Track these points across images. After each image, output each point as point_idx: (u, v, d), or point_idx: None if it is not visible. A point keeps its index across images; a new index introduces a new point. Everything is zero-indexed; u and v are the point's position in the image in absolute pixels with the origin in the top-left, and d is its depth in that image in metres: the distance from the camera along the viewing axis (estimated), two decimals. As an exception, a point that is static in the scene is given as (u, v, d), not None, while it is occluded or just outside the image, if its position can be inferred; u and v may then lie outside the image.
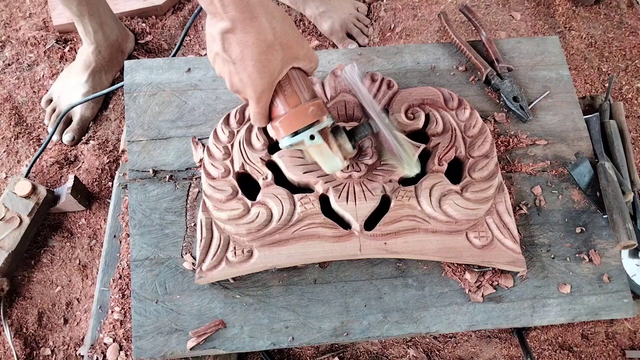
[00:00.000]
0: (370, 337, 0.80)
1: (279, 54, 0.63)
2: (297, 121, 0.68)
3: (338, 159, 0.72)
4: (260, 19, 0.60)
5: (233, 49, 0.62)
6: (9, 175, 1.23)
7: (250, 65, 0.62)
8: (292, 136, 0.69)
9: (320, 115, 0.69)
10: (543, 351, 1.09)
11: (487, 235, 0.81)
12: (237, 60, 0.62)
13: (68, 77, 1.28)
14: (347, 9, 1.40)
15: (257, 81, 0.64)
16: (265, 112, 0.69)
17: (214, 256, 0.78)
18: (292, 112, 0.67)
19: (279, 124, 0.69)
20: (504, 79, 0.95)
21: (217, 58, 0.65)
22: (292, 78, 0.68)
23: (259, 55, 0.62)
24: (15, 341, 1.07)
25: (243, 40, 0.61)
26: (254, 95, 0.66)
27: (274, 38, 0.62)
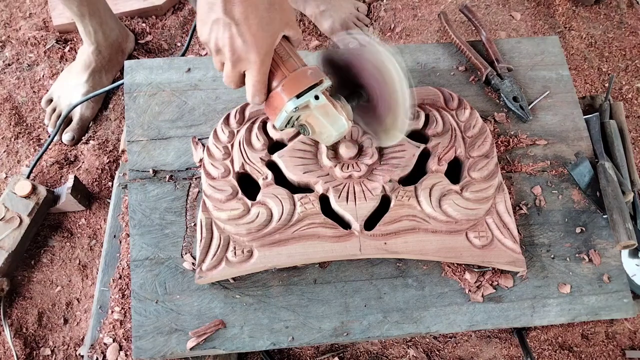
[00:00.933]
0: (370, 337, 0.80)
1: (278, 14, 0.62)
2: (300, 83, 0.65)
3: (343, 119, 0.69)
4: None
5: (236, 9, 0.59)
6: (9, 175, 1.23)
7: (254, 24, 0.60)
8: (297, 98, 0.66)
9: (320, 76, 0.67)
10: (543, 351, 1.09)
11: (487, 235, 0.81)
12: (240, 20, 0.60)
13: (68, 77, 1.28)
14: (348, 8, 1.40)
15: (261, 41, 0.61)
16: (266, 80, 0.66)
17: (214, 256, 0.78)
18: (292, 75, 0.65)
19: (281, 89, 0.66)
20: (504, 79, 0.95)
21: (215, 26, 0.61)
22: (285, 45, 0.66)
23: (263, 12, 0.60)
24: (15, 341, 1.07)
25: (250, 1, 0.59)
26: (257, 58, 0.62)
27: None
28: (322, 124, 0.69)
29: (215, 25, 0.61)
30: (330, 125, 0.69)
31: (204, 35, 0.64)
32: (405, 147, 0.85)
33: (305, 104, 0.66)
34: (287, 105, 0.66)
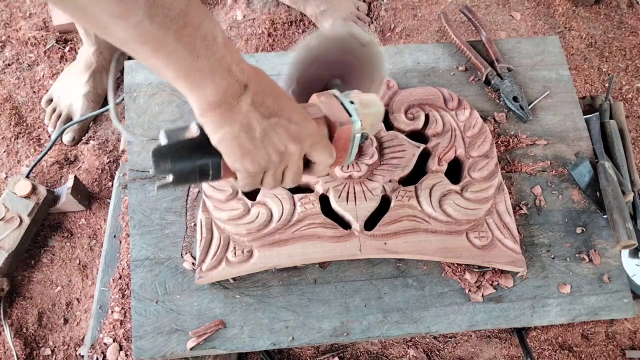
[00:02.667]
0: (370, 337, 0.80)
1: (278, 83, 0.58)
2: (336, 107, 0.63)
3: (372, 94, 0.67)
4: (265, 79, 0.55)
5: (268, 104, 0.53)
6: (9, 175, 1.23)
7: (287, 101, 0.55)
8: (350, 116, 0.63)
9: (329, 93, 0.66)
10: (543, 351, 1.09)
11: (487, 235, 0.81)
12: (277, 109, 0.54)
13: (68, 77, 1.28)
14: (348, 7, 1.40)
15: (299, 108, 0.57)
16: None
17: (214, 256, 0.78)
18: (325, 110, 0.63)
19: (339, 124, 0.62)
20: (504, 79, 0.95)
21: (266, 139, 0.54)
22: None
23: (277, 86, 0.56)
24: (15, 341, 1.07)
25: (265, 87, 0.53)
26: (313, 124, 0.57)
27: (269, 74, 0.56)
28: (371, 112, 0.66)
29: (265, 139, 0.54)
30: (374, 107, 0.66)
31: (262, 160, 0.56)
32: (405, 147, 0.85)
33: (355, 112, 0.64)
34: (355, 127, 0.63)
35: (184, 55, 0.45)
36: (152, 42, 0.44)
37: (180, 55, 0.45)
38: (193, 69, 0.47)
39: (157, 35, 0.43)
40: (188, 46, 0.45)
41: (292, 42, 1.41)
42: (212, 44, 0.46)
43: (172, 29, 0.44)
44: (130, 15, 0.42)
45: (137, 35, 0.43)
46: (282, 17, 1.41)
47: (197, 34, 0.45)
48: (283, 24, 1.41)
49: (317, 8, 1.38)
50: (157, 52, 0.45)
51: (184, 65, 0.46)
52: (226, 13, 1.44)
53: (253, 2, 1.43)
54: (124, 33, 0.43)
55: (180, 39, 0.44)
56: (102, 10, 0.41)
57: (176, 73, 0.47)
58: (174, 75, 0.47)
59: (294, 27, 1.42)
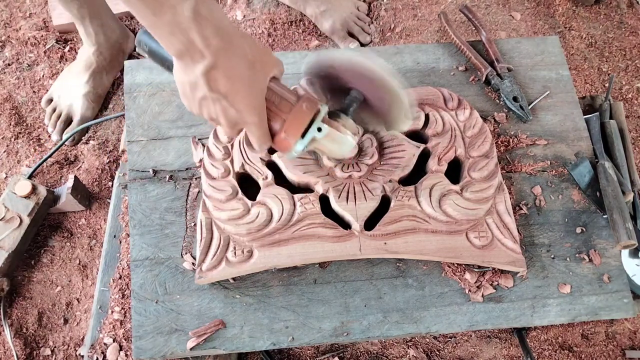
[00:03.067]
0: (370, 337, 0.80)
1: (260, 68, 0.62)
2: (300, 121, 0.67)
3: (349, 137, 0.71)
4: (236, 40, 0.59)
5: (220, 83, 0.59)
6: (9, 175, 1.23)
7: (242, 91, 0.61)
8: (302, 137, 0.67)
9: (315, 106, 0.68)
10: (543, 351, 1.09)
11: (487, 235, 0.81)
12: (227, 92, 0.60)
13: (68, 77, 1.28)
14: (348, 7, 1.40)
15: (253, 103, 0.63)
16: (267, 131, 0.67)
17: (214, 256, 0.78)
18: (290, 117, 0.66)
19: (284, 135, 0.67)
20: (504, 79, 0.95)
21: (204, 102, 0.62)
22: (273, 88, 0.67)
23: (247, 77, 0.61)
24: (15, 341, 1.07)
25: (228, 69, 0.59)
26: (254, 119, 0.64)
27: (252, 55, 0.61)
28: (332, 149, 0.72)
29: (204, 102, 0.62)
30: (339, 148, 0.72)
31: (194, 110, 0.65)
32: (405, 147, 0.85)
33: (311, 140, 0.68)
34: (296, 148, 0.68)
35: (146, 13, 0.53)
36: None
37: (143, 12, 0.53)
38: (155, 26, 0.55)
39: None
40: (152, 7, 0.53)
41: (292, 42, 1.41)
42: (177, 13, 0.53)
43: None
44: None
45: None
46: (282, 17, 1.41)
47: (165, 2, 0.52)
48: (283, 24, 1.41)
49: (317, 8, 1.38)
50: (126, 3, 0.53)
51: (147, 20, 0.54)
52: (226, 13, 1.44)
53: (253, 2, 1.43)
54: None
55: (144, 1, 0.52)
56: None
57: (143, 22, 0.55)
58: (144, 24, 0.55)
59: (294, 27, 1.42)
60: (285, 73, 0.94)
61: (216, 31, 0.56)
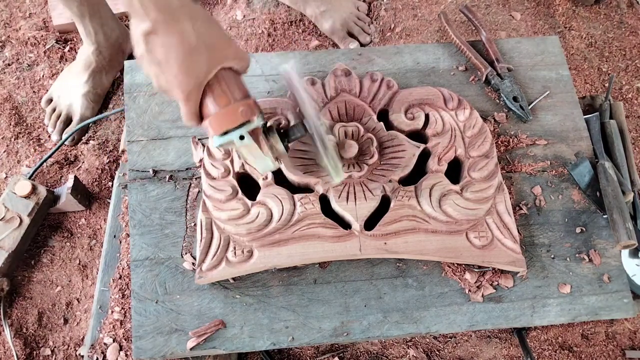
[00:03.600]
0: (370, 337, 0.80)
1: (204, 55, 0.63)
2: (226, 121, 0.67)
3: (269, 160, 0.71)
4: (182, 21, 0.60)
5: (157, 50, 0.61)
6: (9, 175, 1.23)
7: (175, 67, 0.62)
8: (221, 136, 0.68)
9: (251, 115, 0.67)
10: (543, 351, 1.09)
11: (487, 235, 0.81)
12: (162, 61, 0.62)
13: (68, 77, 1.28)
14: (348, 8, 1.40)
15: (183, 82, 0.63)
16: (194, 111, 0.67)
17: (214, 256, 0.78)
18: (221, 112, 0.66)
19: (208, 124, 0.68)
20: (504, 79, 0.95)
21: (142, 59, 0.64)
22: (222, 78, 0.66)
23: (183, 57, 0.61)
24: (15, 341, 1.07)
25: (166, 42, 0.60)
26: (181, 96, 0.65)
27: (198, 40, 0.61)
28: (247, 158, 0.72)
29: (142, 59, 0.64)
30: (255, 163, 0.72)
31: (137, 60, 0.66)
32: (405, 147, 0.85)
33: (229, 142, 0.68)
34: (213, 141, 0.69)
35: None
36: None
37: None
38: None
39: None
40: None
41: (292, 42, 1.41)
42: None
43: None
44: None
45: None
46: (282, 17, 1.41)
47: None
48: (283, 24, 1.41)
49: (317, 9, 1.38)
50: None
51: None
52: (226, 13, 1.44)
53: (253, 2, 1.43)
54: None
55: None
56: None
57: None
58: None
59: (294, 27, 1.42)
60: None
61: (157, 6, 0.58)
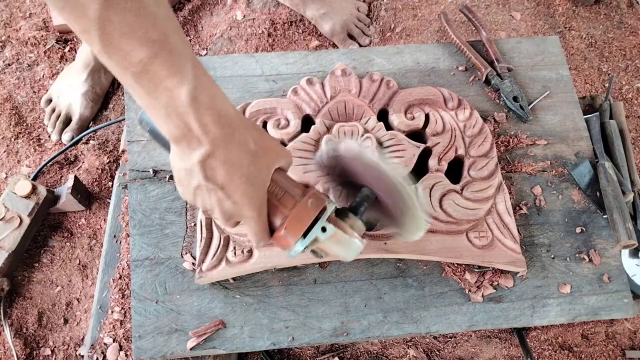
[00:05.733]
0: (370, 337, 0.80)
1: (263, 160, 0.58)
2: (302, 221, 0.60)
3: (357, 240, 0.64)
4: (240, 130, 0.54)
5: (218, 173, 0.54)
6: (9, 175, 1.23)
7: (241, 183, 0.56)
8: (303, 238, 0.61)
9: (322, 203, 0.62)
10: (543, 351, 1.08)
11: (487, 235, 0.81)
12: (225, 183, 0.55)
13: (67, 76, 1.28)
14: (348, 9, 1.40)
15: (253, 197, 0.57)
16: (265, 226, 0.62)
17: (214, 256, 0.78)
18: (293, 213, 0.60)
19: (285, 232, 0.61)
20: (504, 79, 0.95)
21: (199, 191, 0.57)
22: (278, 180, 0.62)
23: (247, 168, 0.55)
24: (15, 341, 1.07)
25: (227, 159, 0.54)
26: (253, 213, 0.59)
27: (255, 146, 0.56)
28: (336, 251, 0.65)
29: (198, 191, 0.57)
30: (345, 252, 0.65)
31: (188, 198, 0.60)
32: (405, 147, 0.85)
33: (313, 241, 0.62)
34: (296, 247, 0.62)
35: (141, 93, 0.49)
36: (113, 70, 0.48)
37: (138, 92, 0.50)
38: (150, 106, 0.51)
39: (115, 69, 0.48)
40: (146, 88, 0.49)
41: (292, 42, 1.41)
42: (174, 97, 0.49)
43: (130, 71, 0.47)
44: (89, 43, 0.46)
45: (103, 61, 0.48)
46: (282, 17, 1.41)
47: (160, 83, 0.48)
48: (283, 24, 1.41)
49: (317, 11, 1.38)
50: (121, 79, 0.49)
51: (142, 100, 0.50)
52: (226, 13, 1.44)
53: (253, 2, 1.43)
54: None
55: (138, 80, 0.48)
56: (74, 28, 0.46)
57: (138, 101, 0.51)
58: (139, 104, 0.51)
59: (294, 27, 1.42)
60: (285, 73, 0.95)
61: (216, 119, 0.52)
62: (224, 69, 0.94)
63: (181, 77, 0.49)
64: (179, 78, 0.49)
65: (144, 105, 0.51)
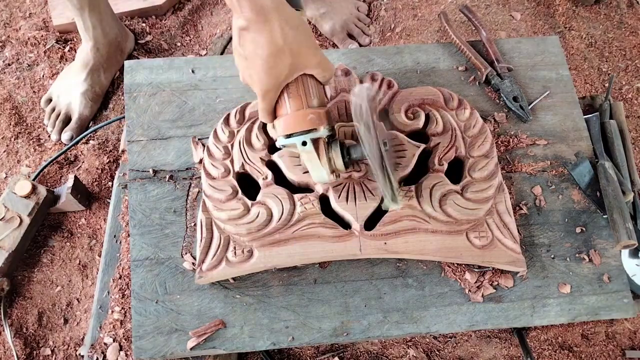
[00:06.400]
0: (370, 337, 0.80)
1: (287, 59, 0.65)
2: (293, 124, 0.70)
3: (324, 172, 0.73)
4: (273, 23, 0.63)
5: (247, 45, 0.65)
6: (9, 175, 1.23)
7: (258, 64, 0.65)
8: (286, 137, 0.71)
9: (318, 124, 0.69)
10: (543, 351, 1.09)
11: (487, 235, 0.81)
12: (248, 56, 0.66)
13: (67, 76, 1.28)
14: (348, 9, 1.40)
15: (263, 80, 0.67)
16: (269, 109, 0.71)
17: (214, 256, 0.78)
18: (291, 114, 0.69)
19: (277, 123, 0.71)
20: (504, 79, 0.95)
21: (235, 50, 0.69)
22: (302, 83, 0.69)
23: (267, 56, 0.64)
24: (15, 341, 1.07)
25: (255, 39, 0.64)
26: (259, 92, 0.69)
27: (284, 43, 0.64)
28: (306, 164, 0.75)
29: (235, 50, 0.69)
30: (311, 171, 0.75)
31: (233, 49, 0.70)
32: (405, 147, 0.85)
33: (292, 145, 0.71)
34: (278, 140, 0.72)
35: None
36: None
37: None
38: None
39: None
40: None
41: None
42: None
43: None
44: None
45: None
46: (282, 17, 1.41)
47: None
48: (283, 24, 1.41)
49: (317, 10, 1.38)
50: None
51: None
52: (226, 13, 1.44)
53: (253, 2, 1.43)
54: None
55: None
56: None
57: None
58: None
59: (294, 27, 1.42)
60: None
61: (251, 5, 0.61)
62: (224, 69, 0.94)
63: None
64: None
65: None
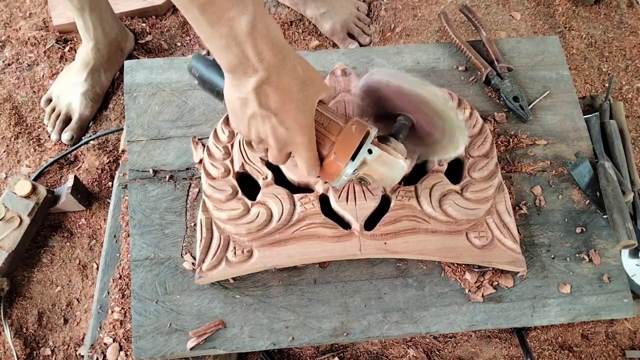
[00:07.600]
0: (370, 337, 0.80)
1: (310, 87, 0.62)
2: (350, 144, 0.65)
3: (401, 161, 0.68)
4: (289, 57, 0.59)
5: (271, 99, 0.59)
6: (9, 175, 1.23)
7: (292, 109, 0.60)
8: (352, 160, 0.66)
9: (365, 128, 0.66)
10: (543, 351, 1.09)
11: (487, 235, 0.81)
12: (278, 109, 0.60)
13: (67, 76, 1.29)
14: (348, 9, 1.40)
15: (303, 122, 0.62)
16: (316, 154, 0.66)
17: (214, 256, 0.78)
18: (340, 139, 0.65)
19: (334, 157, 0.65)
20: (504, 79, 0.95)
21: (253, 121, 0.62)
22: (322, 110, 0.67)
23: (297, 94, 0.60)
24: (15, 341, 1.07)
25: (280, 85, 0.58)
26: (305, 139, 0.63)
27: (303, 73, 0.60)
28: (382, 173, 0.69)
29: (252, 120, 0.62)
30: (390, 172, 0.69)
31: (242, 130, 0.64)
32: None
33: (362, 162, 0.67)
34: (346, 171, 0.66)
35: (204, 25, 0.54)
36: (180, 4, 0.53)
37: (201, 24, 0.54)
38: (211, 38, 0.55)
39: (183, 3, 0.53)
40: (209, 19, 0.53)
41: (292, 42, 1.41)
42: (234, 26, 0.54)
43: (197, 3, 0.52)
44: None
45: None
46: (282, 17, 1.41)
47: (223, 14, 0.53)
48: (283, 24, 1.41)
49: (317, 10, 1.38)
50: (185, 13, 0.54)
51: (204, 32, 0.55)
52: (226, 13, 1.44)
53: (253, 2, 1.43)
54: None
55: (203, 12, 0.53)
56: None
57: (199, 34, 0.56)
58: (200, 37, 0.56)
59: (294, 27, 1.42)
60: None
61: (271, 46, 0.56)
62: (224, 69, 0.94)
63: (243, 6, 0.53)
64: (241, 8, 0.53)
65: (204, 38, 0.56)
